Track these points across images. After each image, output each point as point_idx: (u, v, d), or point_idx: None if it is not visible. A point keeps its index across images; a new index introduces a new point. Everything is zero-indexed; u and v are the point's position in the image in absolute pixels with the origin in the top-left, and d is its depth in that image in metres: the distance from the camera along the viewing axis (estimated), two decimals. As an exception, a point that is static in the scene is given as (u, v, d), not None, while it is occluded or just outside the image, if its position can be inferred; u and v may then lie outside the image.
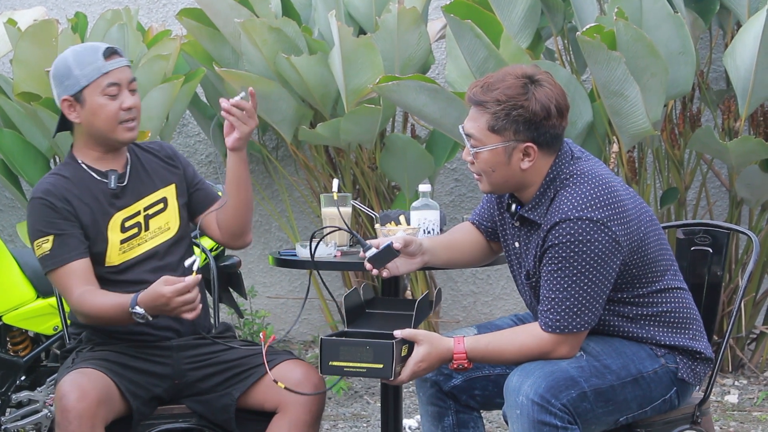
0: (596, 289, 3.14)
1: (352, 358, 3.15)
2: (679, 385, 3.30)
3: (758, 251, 3.63)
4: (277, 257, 3.73)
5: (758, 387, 5.71)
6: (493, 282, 6.53)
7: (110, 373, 3.43)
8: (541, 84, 3.17)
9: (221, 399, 3.52)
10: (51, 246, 3.47)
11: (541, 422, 3.08)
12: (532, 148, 3.17)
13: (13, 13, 6.41)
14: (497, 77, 3.19)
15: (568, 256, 3.12)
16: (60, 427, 3.32)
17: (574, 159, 3.23)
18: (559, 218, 3.13)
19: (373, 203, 6.02)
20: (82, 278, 3.47)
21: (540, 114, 3.15)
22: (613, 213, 3.13)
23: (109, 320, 3.47)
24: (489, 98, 3.16)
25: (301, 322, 6.71)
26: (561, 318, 3.14)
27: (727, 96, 5.69)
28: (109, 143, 3.57)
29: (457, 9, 5.19)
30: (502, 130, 3.17)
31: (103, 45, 3.56)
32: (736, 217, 5.82)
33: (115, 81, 3.53)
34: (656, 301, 3.26)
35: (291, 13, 5.92)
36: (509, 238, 3.35)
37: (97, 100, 3.52)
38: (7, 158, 6.01)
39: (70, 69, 3.54)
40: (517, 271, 3.35)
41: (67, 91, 3.53)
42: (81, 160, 3.59)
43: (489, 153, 3.19)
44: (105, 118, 3.52)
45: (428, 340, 3.20)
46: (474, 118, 3.21)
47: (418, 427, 5.18)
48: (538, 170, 3.21)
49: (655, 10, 5.11)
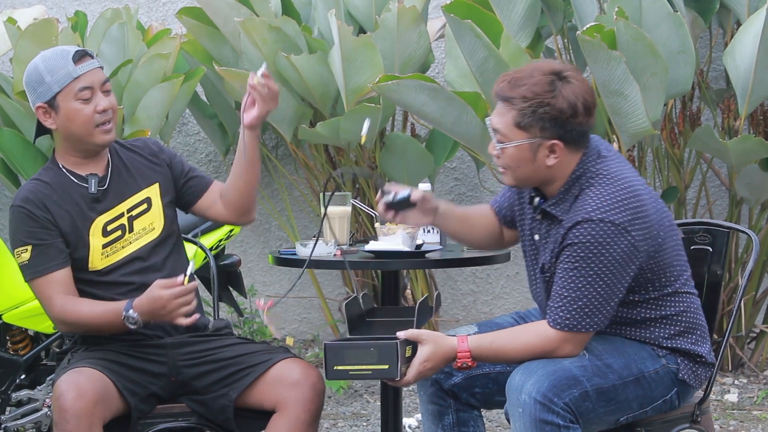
0: (609, 292, 3.13)
1: (357, 361, 3.15)
2: (679, 386, 3.29)
3: (758, 250, 3.63)
4: (276, 256, 3.73)
5: (758, 386, 5.71)
6: (492, 281, 6.53)
7: (107, 371, 3.42)
8: (569, 81, 3.15)
9: (218, 400, 3.51)
10: (30, 256, 3.47)
11: (543, 421, 3.07)
12: (558, 145, 3.16)
13: (12, 11, 6.41)
14: (525, 73, 3.18)
15: (586, 256, 3.11)
16: (58, 426, 3.32)
17: (600, 157, 3.22)
18: (582, 218, 3.12)
19: (372, 202, 6.01)
20: (62, 288, 3.47)
21: (567, 112, 3.13)
22: (635, 218, 3.13)
23: (98, 328, 3.46)
24: (516, 95, 3.15)
25: (301, 321, 6.71)
26: (571, 316, 3.14)
27: (726, 95, 5.69)
28: (87, 147, 3.54)
29: (457, 9, 5.18)
30: (529, 127, 3.15)
31: (72, 48, 3.52)
32: (736, 216, 5.81)
33: (87, 84, 3.49)
34: (665, 304, 3.25)
35: (291, 12, 5.92)
36: (528, 230, 3.34)
37: (71, 106, 3.48)
38: (6, 157, 6.01)
39: (41, 75, 3.49)
40: (532, 264, 3.34)
41: (41, 98, 3.50)
42: (62, 165, 3.57)
43: (515, 149, 3.18)
44: (81, 122, 3.49)
45: (432, 339, 3.19)
46: (501, 114, 3.19)
47: (418, 426, 5.18)
48: (564, 166, 3.20)
49: (654, 10, 5.11)
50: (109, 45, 5.99)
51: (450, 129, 5.32)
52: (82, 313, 3.44)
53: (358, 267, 3.80)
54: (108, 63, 5.98)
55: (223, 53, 5.92)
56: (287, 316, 6.70)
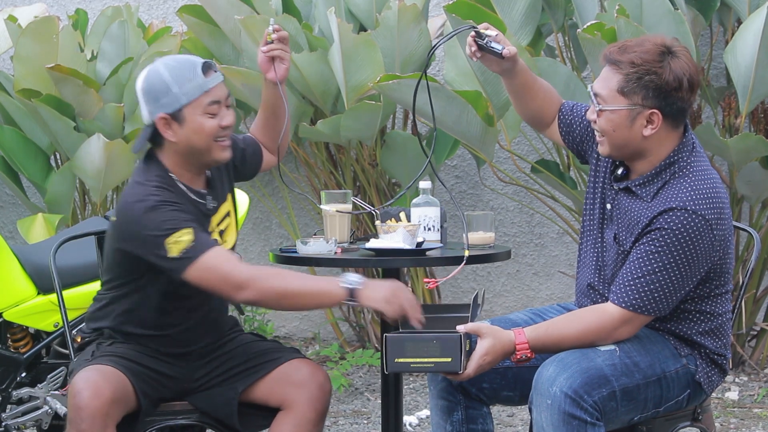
0: (681, 283, 3.16)
1: (418, 354, 3.12)
2: (693, 388, 3.30)
3: (759, 248, 3.64)
4: (277, 254, 3.73)
5: (759, 384, 5.71)
6: (493, 279, 6.53)
7: (128, 371, 3.39)
8: (678, 56, 3.18)
9: (224, 393, 3.51)
10: (193, 237, 3.28)
11: (571, 415, 3.08)
12: (657, 115, 3.18)
13: (13, 9, 6.42)
14: (636, 41, 3.21)
15: (672, 243, 3.13)
16: (72, 423, 3.29)
17: (695, 151, 3.24)
18: (676, 205, 3.14)
19: (373, 200, 6.02)
20: (235, 257, 3.33)
21: (672, 84, 3.15)
22: (720, 217, 3.17)
23: (300, 295, 3.29)
24: (625, 59, 3.17)
25: (302, 319, 6.71)
26: (640, 297, 3.15)
27: (727, 93, 5.69)
28: (203, 161, 3.44)
29: (459, 9, 5.19)
30: (631, 93, 3.17)
31: (198, 59, 3.41)
32: (737, 214, 5.81)
33: (216, 99, 3.38)
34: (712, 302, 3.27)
35: (291, 9, 5.92)
36: (599, 195, 3.35)
37: (198, 119, 3.36)
38: (7, 155, 6.02)
39: (167, 85, 3.36)
40: (594, 231, 3.34)
41: (164, 109, 3.36)
42: (176, 179, 3.43)
43: (614, 114, 3.20)
44: (205, 136, 3.38)
45: (491, 333, 3.18)
46: (605, 78, 3.22)
47: (419, 424, 5.18)
48: (659, 143, 3.21)
49: (655, 7, 5.11)
50: (109, 43, 6.00)
51: (451, 127, 5.32)
52: (284, 278, 3.28)
53: (359, 265, 3.79)
54: (108, 61, 5.99)
55: (223, 51, 5.92)
56: (287, 314, 6.71)
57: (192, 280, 3.29)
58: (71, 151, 5.80)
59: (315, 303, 3.36)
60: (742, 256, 5.78)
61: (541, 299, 6.47)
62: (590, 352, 3.17)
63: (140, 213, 3.31)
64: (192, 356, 3.53)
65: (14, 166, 6.05)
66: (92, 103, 5.80)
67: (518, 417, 5.29)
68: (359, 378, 5.98)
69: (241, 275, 3.27)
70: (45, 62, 5.69)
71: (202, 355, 3.54)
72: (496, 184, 6.27)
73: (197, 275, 3.28)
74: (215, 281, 3.29)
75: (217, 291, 3.31)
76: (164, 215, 3.30)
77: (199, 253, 3.27)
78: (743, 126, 5.41)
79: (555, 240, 6.42)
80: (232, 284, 3.27)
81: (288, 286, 3.29)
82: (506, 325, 3.36)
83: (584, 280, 3.38)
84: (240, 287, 3.27)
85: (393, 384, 3.72)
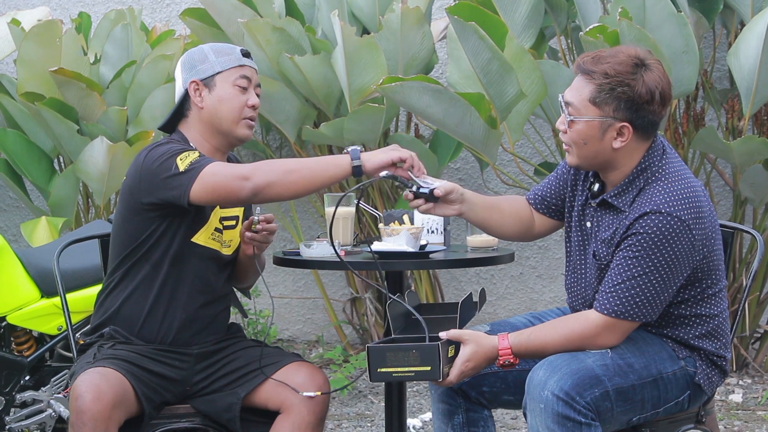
0: (663, 286, 3.15)
1: (399, 363, 3.16)
2: (693, 389, 3.29)
3: (762, 250, 3.63)
4: (280, 257, 3.73)
5: (762, 386, 5.71)
6: (497, 282, 6.53)
7: (129, 375, 3.39)
8: (651, 69, 3.17)
9: (226, 398, 3.51)
10: (199, 154, 3.39)
11: (565, 417, 3.08)
12: (627, 128, 3.17)
13: (16, 13, 6.42)
14: (610, 52, 3.20)
15: (648, 247, 3.12)
16: (74, 427, 3.29)
17: (665, 154, 3.24)
18: (650, 209, 3.13)
19: (377, 203, 6.02)
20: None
21: (644, 97, 3.14)
22: (697, 217, 3.15)
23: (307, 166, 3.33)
24: (598, 69, 3.16)
25: (305, 322, 6.71)
26: (621, 303, 3.14)
27: (730, 95, 5.69)
28: (225, 138, 3.54)
29: (461, 11, 5.19)
30: (603, 104, 3.16)
31: (238, 47, 3.59)
32: (740, 217, 5.82)
33: (248, 75, 3.54)
34: (704, 304, 3.26)
35: (294, 12, 5.92)
36: (577, 217, 3.35)
37: (227, 88, 3.51)
38: (11, 158, 6.02)
39: (205, 54, 3.53)
40: (579, 251, 3.34)
41: (198, 75, 3.51)
42: (196, 147, 3.52)
43: (584, 124, 3.18)
44: (231, 108, 3.51)
45: (474, 339, 3.20)
46: (577, 88, 3.20)
47: (422, 426, 5.18)
48: (629, 154, 3.21)
49: (658, 10, 5.12)
50: (113, 46, 6.01)
51: (454, 130, 5.32)
52: (284, 161, 3.36)
53: (362, 268, 3.78)
54: (112, 64, 6.00)
55: (226, 54, 5.92)
56: (291, 317, 6.71)
57: (200, 190, 3.34)
58: (74, 154, 5.81)
59: (323, 173, 3.35)
60: (746, 258, 5.78)
61: (544, 302, 6.47)
62: (580, 354, 3.17)
63: (150, 149, 3.43)
64: (192, 357, 3.54)
65: (18, 170, 6.05)
66: (95, 106, 5.81)
67: (521, 420, 5.29)
68: (362, 381, 5.98)
69: (245, 167, 3.35)
70: (48, 65, 5.70)
71: (202, 357, 3.55)
72: (500, 186, 6.27)
73: (204, 183, 3.33)
74: (221, 182, 3.33)
75: (225, 194, 3.35)
76: (172, 146, 3.43)
77: (205, 164, 3.35)
78: (746, 128, 5.42)
79: (558, 243, 6.42)
80: (237, 177, 3.31)
81: (292, 162, 3.35)
82: (506, 328, 3.38)
83: (572, 306, 3.39)
84: (245, 177, 3.31)
85: (396, 387, 3.71)
